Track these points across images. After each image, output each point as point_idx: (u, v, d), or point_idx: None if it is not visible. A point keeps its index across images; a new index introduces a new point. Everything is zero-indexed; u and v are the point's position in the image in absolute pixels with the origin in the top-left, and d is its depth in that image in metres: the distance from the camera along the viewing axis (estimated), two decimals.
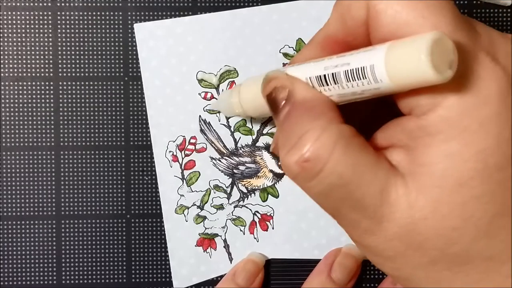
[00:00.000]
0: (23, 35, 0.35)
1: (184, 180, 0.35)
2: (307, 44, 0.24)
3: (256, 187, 0.35)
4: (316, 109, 0.21)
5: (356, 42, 0.22)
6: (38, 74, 0.35)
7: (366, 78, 0.19)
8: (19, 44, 0.35)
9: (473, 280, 0.20)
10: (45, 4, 0.35)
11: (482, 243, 0.19)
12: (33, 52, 0.35)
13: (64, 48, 0.35)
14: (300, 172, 0.21)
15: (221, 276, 0.35)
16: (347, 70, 0.20)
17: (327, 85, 0.21)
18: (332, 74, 0.21)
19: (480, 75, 0.19)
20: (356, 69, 0.20)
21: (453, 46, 0.18)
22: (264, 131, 0.35)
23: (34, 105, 0.35)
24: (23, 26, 0.35)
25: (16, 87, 0.35)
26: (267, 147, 0.35)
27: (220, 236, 0.35)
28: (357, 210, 0.20)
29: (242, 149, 0.35)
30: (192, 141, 0.35)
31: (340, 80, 0.21)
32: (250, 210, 0.35)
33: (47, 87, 0.35)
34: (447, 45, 0.18)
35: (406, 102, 0.20)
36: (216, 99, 0.35)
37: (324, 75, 0.21)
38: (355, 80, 0.20)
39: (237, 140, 0.35)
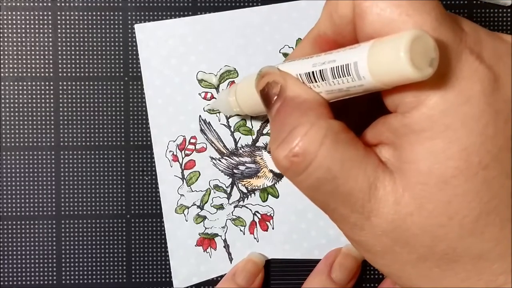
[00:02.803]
0: (23, 35, 0.35)
1: (184, 180, 0.35)
2: (301, 42, 0.25)
3: (256, 187, 0.35)
4: (306, 104, 0.22)
5: (344, 40, 0.22)
6: (38, 74, 0.35)
7: (350, 75, 0.20)
8: (19, 44, 0.35)
9: (462, 278, 0.20)
10: (45, 4, 0.35)
11: (469, 241, 0.19)
12: (33, 52, 0.35)
13: (64, 48, 0.35)
14: (289, 166, 0.21)
15: (221, 276, 0.35)
16: (333, 67, 0.20)
17: (316, 81, 0.22)
18: (320, 71, 0.21)
19: (463, 74, 0.19)
20: (341, 66, 0.20)
21: (434, 44, 0.18)
22: (264, 131, 0.35)
23: (34, 105, 0.35)
24: (23, 26, 0.35)
25: (16, 87, 0.35)
26: (267, 147, 0.35)
27: (220, 236, 0.35)
28: (346, 205, 0.20)
29: (242, 149, 0.35)
30: (192, 141, 0.35)
31: (327, 77, 0.21)
32: (250, 210, 0.35)
33: (47, 87, 0.35)
34: (428, 43, 0.18)
35: (392, 100, 0.20)
36: (216, 99, 0.35)
37: (312, 72, 0.22)
38: (341, 77, 0.20)
39: (237, 140, 0.35)
